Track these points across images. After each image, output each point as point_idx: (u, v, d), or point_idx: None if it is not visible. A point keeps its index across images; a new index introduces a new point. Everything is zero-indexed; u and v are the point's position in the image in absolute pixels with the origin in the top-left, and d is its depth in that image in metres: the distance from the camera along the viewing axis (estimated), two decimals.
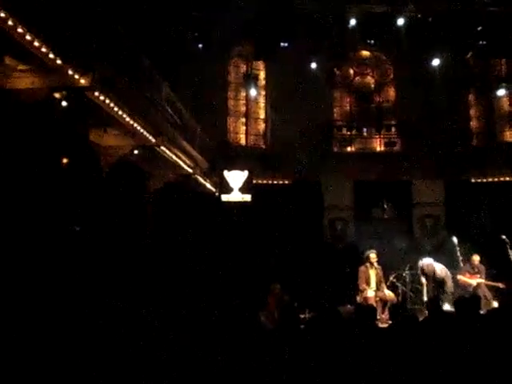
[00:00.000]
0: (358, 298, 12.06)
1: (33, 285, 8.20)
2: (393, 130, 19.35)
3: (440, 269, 12.60)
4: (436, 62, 17.19)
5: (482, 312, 8.93)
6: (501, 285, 12.02)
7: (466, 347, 5.34)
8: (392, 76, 20.08)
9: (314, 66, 17.52)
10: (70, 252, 9.76)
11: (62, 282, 8.91)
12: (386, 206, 18.29)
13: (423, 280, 12.55)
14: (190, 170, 14.49)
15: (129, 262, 11.45)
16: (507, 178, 17.52)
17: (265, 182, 18.51)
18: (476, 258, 12.22)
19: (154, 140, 11.34)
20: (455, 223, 12.86)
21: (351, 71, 20.15)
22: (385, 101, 20.12)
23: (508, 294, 11.55)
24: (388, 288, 12.64)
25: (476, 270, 12.17)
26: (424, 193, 18.44)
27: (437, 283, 12.52)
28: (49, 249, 9.18)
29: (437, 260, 12.82)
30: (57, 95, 8.58)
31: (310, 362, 5.09)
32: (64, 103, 8.63)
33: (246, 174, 17.32)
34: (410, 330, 5.87)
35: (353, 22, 16.48)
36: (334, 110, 20.07)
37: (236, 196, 17.07)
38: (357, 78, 20.30)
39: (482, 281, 12.02)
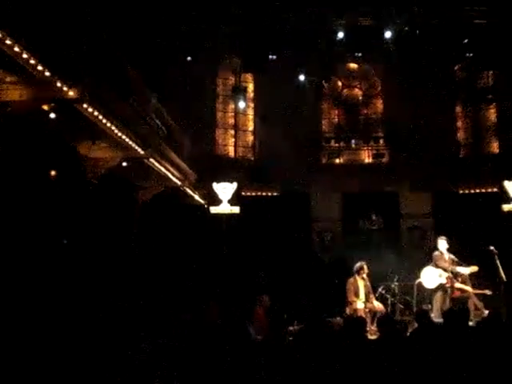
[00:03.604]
0: (348, 310, 12.05)
1: (20, 298, 8.15)
2: (381, 141, 19.43)
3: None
4: (423, 74, 17.29)
5: (472, 323, 8.98)
6: (487, 291, 12.05)
7: (455, 358, 5.35)
8: (380, 88, 20.16)
9: (302, 78, 17.56)
10: (58, 265, 9.71)
11: (49, 295, 8.85)
12: (374, 218, 18.35)
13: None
14: (179, 182, 14.47)
15: (117, 274, 11.41)
16: (495, 189, 17.56)
17: (253, 193, 18.53)
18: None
19: (142, 152, 11.30)
20: (443, 234, 12.88)
21: (339, 83, 20.21)
22: (373, 113, 20.18)
23: (496, 303, 11.56)
24: (377, 299, 12.66)
25: (460, 280, 12.20)
26: (412, 204, 18.50)
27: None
28: (36, 262, 9.12)
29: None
30: (45, 107, 8.56)
31: (298, 373, 5.07)
32: (52, 115, 8.61)
33: (234, 185, 17.30)
34: (399, 342, 5.87)
35: (340, 34, 16.54)
36: (322, 122, 20.11)
37: (225, 208, 17.03)
38: (345, 91, 20.36)
39: (470, 289, 12.04)
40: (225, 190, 17.10)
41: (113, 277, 11.13)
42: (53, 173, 10.41)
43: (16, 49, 6.83)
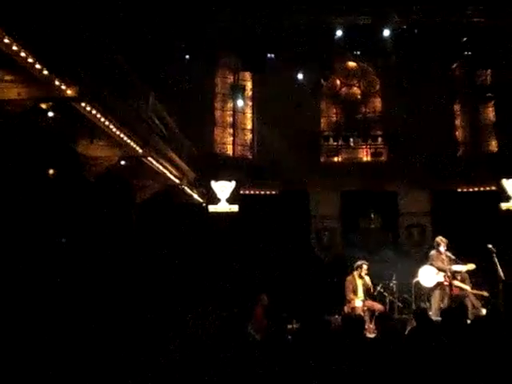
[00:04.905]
0: (346, 308, 12.07)
1: (18, 296, 8.14)
2: (379, 140, 19.43)
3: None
4: (422, 72, 17.28)
5: (469, 321, 8.97)
6: (485, 293, 12.05)
7: (453, 357, 5.35)
8: (378, 87, 20.18)
9: (300, 76, 17.53)
10: (56, 263, 9.70)
11: (47, 293, 8.85)
12: (372, 216, 18.36)
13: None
14: (177, 181, 14.45)
15: (115, 274, 11.39)
16: (493, 188, 17.63)
17: (252, 192, 18.52)
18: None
19: (140, 151, 11.29)
20: (441, 233, 12.88)
21: (338, 82, 20.23)
22: (371, 111, 20.22)
23: (494, 302, 11.57)
24: (375, 298, 12.67)
25: (459, 278, 12.20)
26: (410, 202, 18.52)
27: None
28: (34, 260, 9.11)
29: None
30: (43, 106, 8.54)
31: (297, 373, 5.07)
32: (50, 114, 8.60)
33: (233, 184, 17.33)
34: (398, 340, 5.87)
35: (339, 33, 16.50)
36: (321, 120, 20.13)
37: (223, 206, 17.06)
38: (343, 89, 20.38)
39: (468, 288, 12.04)
40: (223, 188, 17.13)
41: (111, 276, 11.12)
42: (51, 171, 10.39)
43: (14, 47, 6.81)
